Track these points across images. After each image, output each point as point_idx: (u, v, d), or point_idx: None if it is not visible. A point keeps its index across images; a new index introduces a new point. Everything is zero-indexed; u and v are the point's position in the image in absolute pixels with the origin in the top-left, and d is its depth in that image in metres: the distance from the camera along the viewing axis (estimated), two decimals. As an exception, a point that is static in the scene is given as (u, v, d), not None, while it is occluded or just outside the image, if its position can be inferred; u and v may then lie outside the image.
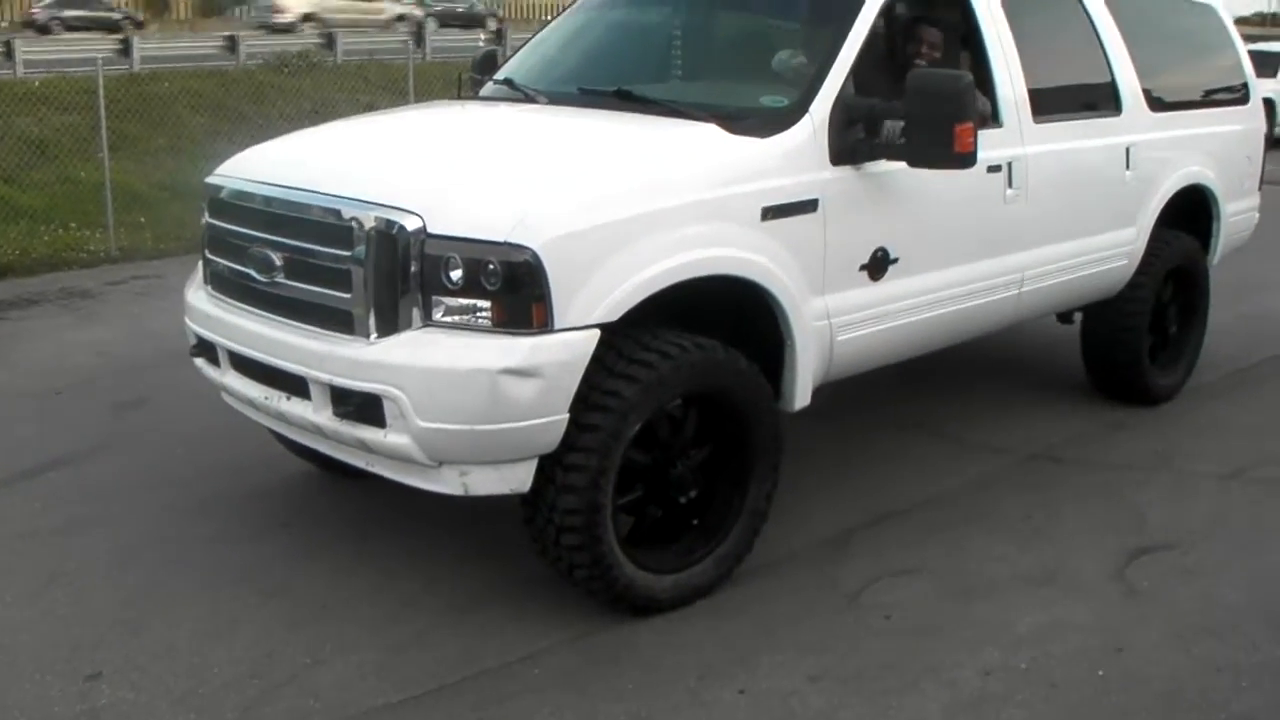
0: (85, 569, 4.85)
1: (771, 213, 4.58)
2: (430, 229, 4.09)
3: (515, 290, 4.01)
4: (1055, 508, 5.44)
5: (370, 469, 4.46)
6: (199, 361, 5.06)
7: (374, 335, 4.17)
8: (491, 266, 4.02)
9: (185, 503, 5.46)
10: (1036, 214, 5.72)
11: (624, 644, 4.31)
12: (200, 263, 5.03)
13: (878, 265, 5.01)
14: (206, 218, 4.94)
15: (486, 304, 4.05)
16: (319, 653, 4.25)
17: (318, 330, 4.33)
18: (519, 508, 4.35)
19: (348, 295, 4.22)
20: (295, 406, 4.46)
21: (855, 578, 4.80)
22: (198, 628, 4.41)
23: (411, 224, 4.10)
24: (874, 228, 4.98)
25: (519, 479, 4.19)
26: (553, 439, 4.12)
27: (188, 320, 5.04)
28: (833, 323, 4.86)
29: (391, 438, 4.16)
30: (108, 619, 4.47)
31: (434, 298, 4.10)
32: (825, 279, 4.82)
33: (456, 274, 4.06)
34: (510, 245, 4.00)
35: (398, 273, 4.11)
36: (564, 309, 4.05)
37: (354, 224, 4.20)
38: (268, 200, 4.59)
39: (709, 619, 4.47)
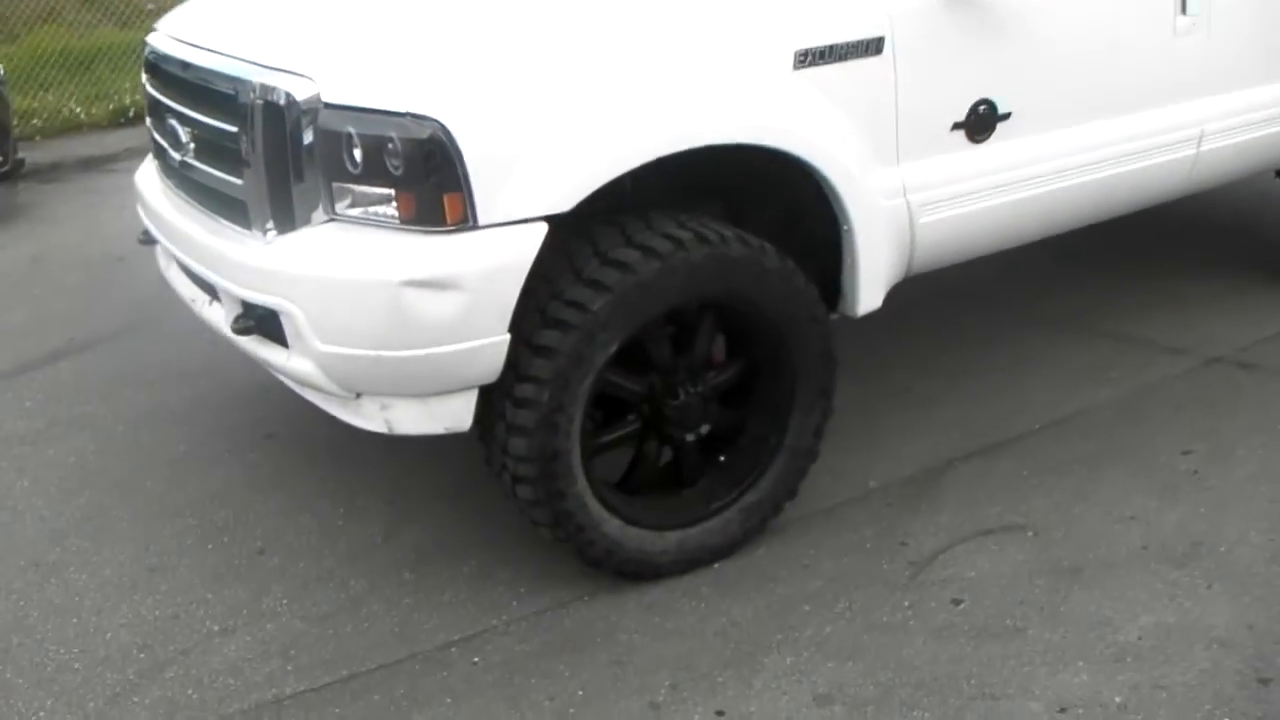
0: (35, 489, 4.22)
1: (809, 57, 3.39)
2: (326, 97, 3.10)
3: (422, 176, 3.00)
4: (1226, 439, 4.10)
5: (301, 393, 3.60)
6: (157, 250, 4.28)
7: (271, 232, 3.24)
8: (392, 145, 3.01)
9: (179, 403, 4.77)
10: (1224, 47, 4.24)
11: (598, 625, 3.35)
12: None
13: (981, 123, 3.75)
14: (144, 82, 4.10)
15: (392, 193, 3.06)
16: (231, 618, 3.48)
17: (222, 224, 3.46)
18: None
19: (239, 181, 3.31)
20: (216, 313, 3.63)
21: (932, 536, 3.68)
22: (116, 575, 3.71)
23: (303, 90, 3.12)
24: (973, 73, 3.71)
25: (454, 416, 3.24)
26: (489, 367, 3.14)
27: (137, 205, 4.25)
28: (911, 200, 3.67)
29: (294, 361, 3.27)
30: (26, 559, 3.81)
31: (336, 184, 3.13)
32: (899, 143, 3.62)
33: (359, 154, 3.08)
34: (412, 117, 2.98)
35: (289, 152, 3.17)
36: (490, 198, 3.01)
37: (240, 90, 3.26)
38: (175, 62, 3.70)
39: (719, 593, 3.46)
